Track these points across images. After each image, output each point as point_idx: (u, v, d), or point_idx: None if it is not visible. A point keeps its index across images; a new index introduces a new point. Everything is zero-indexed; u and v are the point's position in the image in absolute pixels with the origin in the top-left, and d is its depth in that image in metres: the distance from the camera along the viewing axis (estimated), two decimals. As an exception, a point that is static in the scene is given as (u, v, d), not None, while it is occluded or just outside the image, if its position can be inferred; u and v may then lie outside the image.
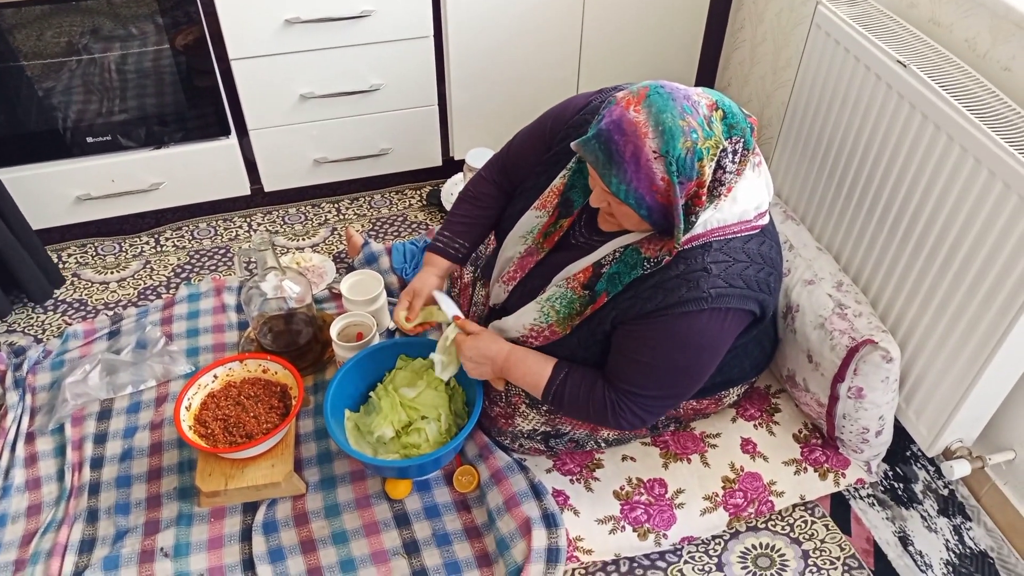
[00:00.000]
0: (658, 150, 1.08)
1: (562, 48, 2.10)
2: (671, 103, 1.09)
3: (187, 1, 1.76)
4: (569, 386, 1.31)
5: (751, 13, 2.11)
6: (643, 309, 1.22)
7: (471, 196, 1.53)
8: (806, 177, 1.71)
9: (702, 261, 1.20)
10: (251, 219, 2.21)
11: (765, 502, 1.49)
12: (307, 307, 1.65)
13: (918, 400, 1.45)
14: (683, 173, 1.09)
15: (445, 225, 1.52)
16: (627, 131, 1.09)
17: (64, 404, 1.63)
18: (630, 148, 1.08)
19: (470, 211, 1.52)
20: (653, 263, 1.22)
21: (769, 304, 1.28)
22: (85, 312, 1.92)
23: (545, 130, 1.42)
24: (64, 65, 1.78)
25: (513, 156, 1.48)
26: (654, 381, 1.27)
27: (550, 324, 1.32)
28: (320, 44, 1.90)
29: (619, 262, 1.25)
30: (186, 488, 1.50)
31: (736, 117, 1.13)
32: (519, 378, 1.35)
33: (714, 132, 1.10)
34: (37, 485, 1.53)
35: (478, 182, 1.53)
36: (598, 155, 1.11)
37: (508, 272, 1.43)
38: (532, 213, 1.39)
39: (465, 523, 1.46)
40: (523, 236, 1.40)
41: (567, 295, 1.30)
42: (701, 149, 1.09)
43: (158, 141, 1.96)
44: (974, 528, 1.50)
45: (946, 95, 1.28)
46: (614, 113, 1.11)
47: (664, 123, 1.07)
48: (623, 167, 1.10)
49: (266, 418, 1.47)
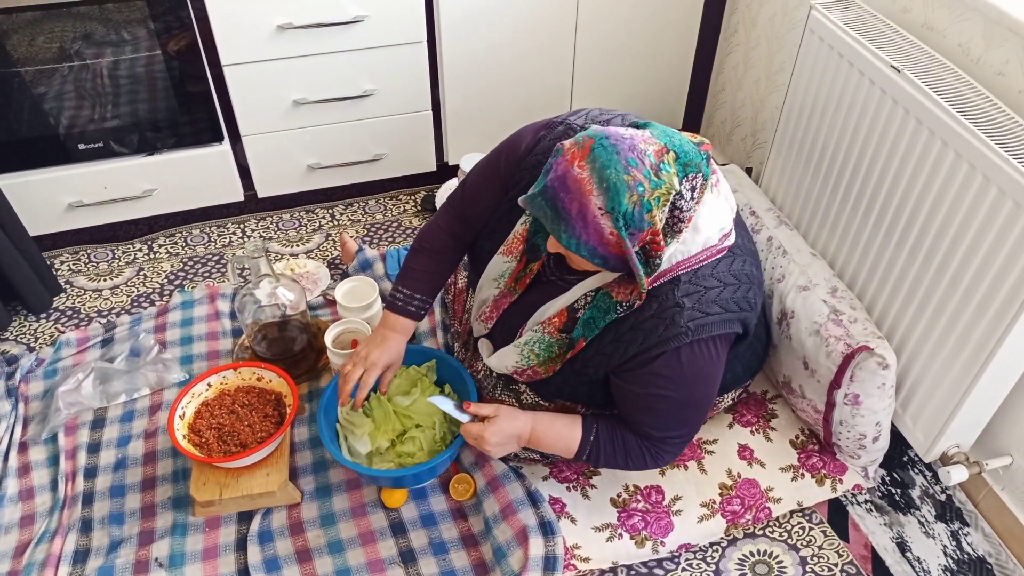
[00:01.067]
0: (603, 207, 1.06)
1: (556, 53, 2.10)
2: (615, 157, 1.06)
3: (179, 6, 1.75)
4: (603, 445, 1.33)
5: (744, 17, 2.11)
6: (627, 352, 1.23)
7: (427, 249, 1.48)
8: (800, 182, 1.70)
9: (673, 297, 1.20)
10: (245, 225, 2.20)
11: (762, 508, 1.49)
12: (301, 314, 1.64)
13: (915, 406, 1.45)
14: (632, 225, 1.07)
15: (401, 280, 1.47)
16: (571, 188, 1.07)
17: (57, 413, 1.62)
18: (575, 206, 1.07)
19: (427, 264, 1.47)
20: (626, 306, 1.22)
21: (751, 320, 1.29)
22: (78, 320, 1.91)
23: (499, 170, 1.38)
24: (56, 71, 1.77)
25: (469, 200, 1.44)
26: (674, 421, 1.30)
27: (532, 366, 1.33)
28: (313, 50, 1.89)
29: (592, 307, 1.25)
30: (180, 497, 1.49)
31: (689, 155, 1.11)
32: (549, 447, 1.35)
33: (663, 180, 1.08)
34: (30, 495, 1.52)
35: (434, 233, 1.48)
36: (545, 211, 1.10)
37: (485, 312, 1.43)
38: (500, 259, 1.38)
39: (462, 531, 1.45)
40: (495, 279, 1.40)
41: (544, 339, 1.30)
42: (649, 201, 1.07)
43: (151, 147, 1.95)
44: (972, 534, 1.50)
45: (940, 100, 1.28)
46: (559, 168, 1.09)
47: (608, 179, 1.05)
48: (571, 223, 1.08)
49: (260, 427, 1.46)
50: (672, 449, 1.34)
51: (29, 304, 1.87)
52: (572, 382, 1.34)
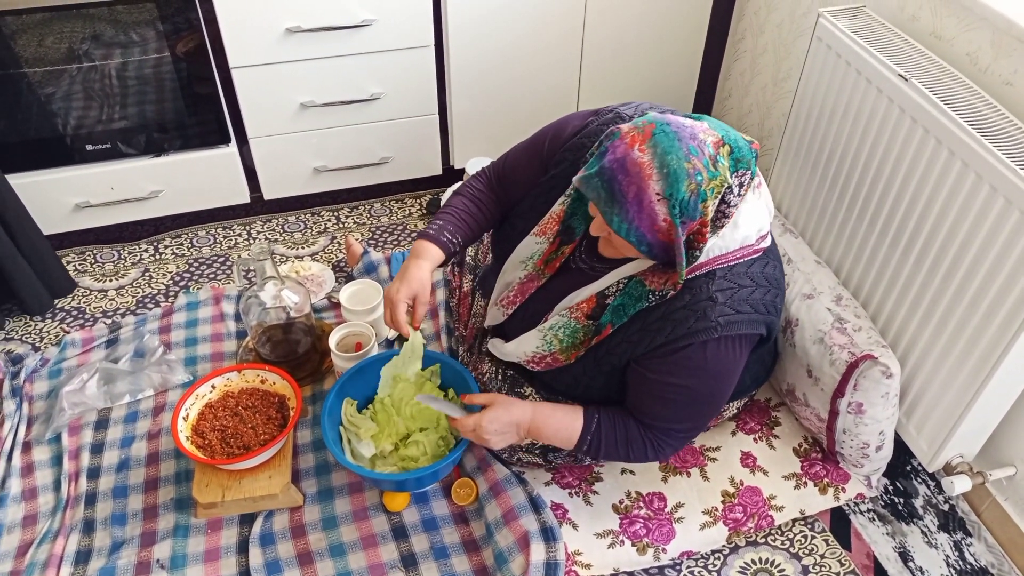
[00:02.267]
0: (662, 192, 1.06)
1: (563, 58, 2.10)
2: (676, 144, 1.07)
3: (188, 8, 1.76)
4: (604, 434, 1.31)
5: (752, 24, 2.11)
6: (653, 342, 1.22)
7: (466, 193, 1.46)
8: (806, 190, 1.70)
9: (707, 290, 1.19)
10: (250, 227, 2.20)
11: (765, 516, 1.48)
12: (306, 316, 1.65)
13: (918, 415, 1.45)
14: (686, 214, 1.08)
15: (437, 216, 1.43)
16: (631, 171, 1.07)
17: (61, 413, 1.62)
18: (633, 189, 1.07)
19: (466, 205, 1.45)
20: (658, 296, 1.21)
21: (776, 325, 1.29)
22: (83, 320, 1.92)
23: (542, 149, 1.39)
24: (64, 72, 1.78)
25: (509, 170, 1.45)
26: (684, 414, 1.29)
27: (552, 352, 1.32)
28: (321, 53, 1.90)
29: (623, 294, 1.24)
30: (183, 499, 1.50)
31: (742, 151, 1.12)
32: (549, 436, 1.33)
33: (719, 172, 1.09)
34: (33, 495, 1.52)
35: (475, 182, 1.48)
36: (600, 193, 1.10)
37: (508, 296, 1.42)
38: (532, 239, 1.37)
39: (463, 536, 1.45)
40: (523, 261, 1.39)
41: (570, 325, 1.29)
42: (705, 191, 1.08)
43: (158, 149, 1.96)
44: (975, 544, 1.49)
45: (947, 109, 1.28)
46: (618, 150, 1.09)
47: (669, 165, 1.06)
48: (625, 207, 1.08)
49: (264, 429, 1.47)
50: (674, 442, 1.32)
51: (27, 305, 1.87)
52: (591, 372, 1.32)
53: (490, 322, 1.47)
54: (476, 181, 1.49)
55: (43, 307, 1.90)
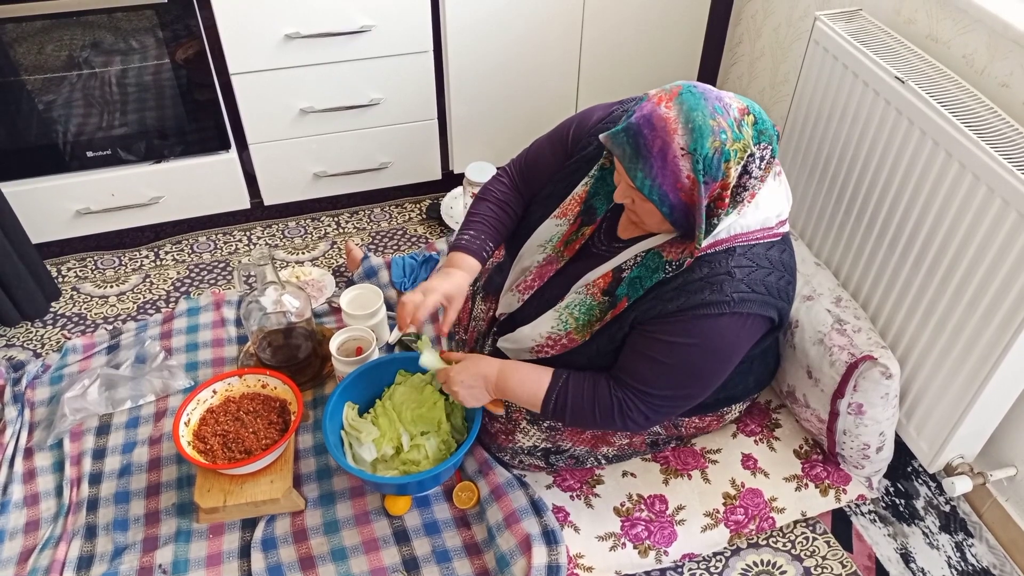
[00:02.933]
0: (686, 147, 1.08)
1: (561, 63, 2.11)
2: (702, 102, 1.09)
3: (187, 15, 1.77)
4: (572, 389, 1.28)
5: (749, 28, 2.12)
6: (664, 310, 1.22)
7: (491, 198, 1.47)
8: (804, 192, 1.71)
9: (726, 265, 1.20)
10: (251, 233, 2.21)
11: (766, 518, 1.49)
12: (306, 321, 1.65)
13: (919, 416, 1.45)
14: (709, 172, 1.09)
15: (465, 225, 1.44)
16: (656, 126, 1.09)
17: (63, 419, 1.62)
18: (658, 143, 1.09)
19: (490, 210, 1.45)
20: (675, 266, 1.21)
21: (787, 312, 1.29)
22: (84, 326, 1.92)
23: (565, 138, 1.41)
24: (65, 79, 1.79)
25: (532, 162, 1.46)
26: (667, 380, 1.25)
27: (568, 332, 1.32)
28: (320, 59, 1.90)
29: (640, 266, 1.25)
30: (185, 504, 1.50)
31: (765, 124, 1.14)
32: (515, 389, 1.32)
33: (743, 135, 1.10)
34: (35, 501, 1.52)
35: (497, 185, 1.48)
36: (625, 148, 1.12)
37: (525, 281, 1.41)
38: (552, 222, 1.38)
39: (465, 540, 1.45)
40: (542, 245, 1.39)
41: (586, 302, 1.30)
42: (729, 150, 1.09)
43: (158, 155, 1.97)
44: (976, 545, 1.50)
45: (944, 111, 1.29)
46: (645, 108, 1.11)
47: (694, 121, 1.08)
48: (650, 162, 1.10)
49: (265, 434, 1.47)
50: (645, 409, 1.26)
51: (24, 310, 1.87)
52: (604, 349, 1.30)
53: (503, 309, 1.47)
54: (498, 183, 1.50)
55: (38, 312, 1.90)
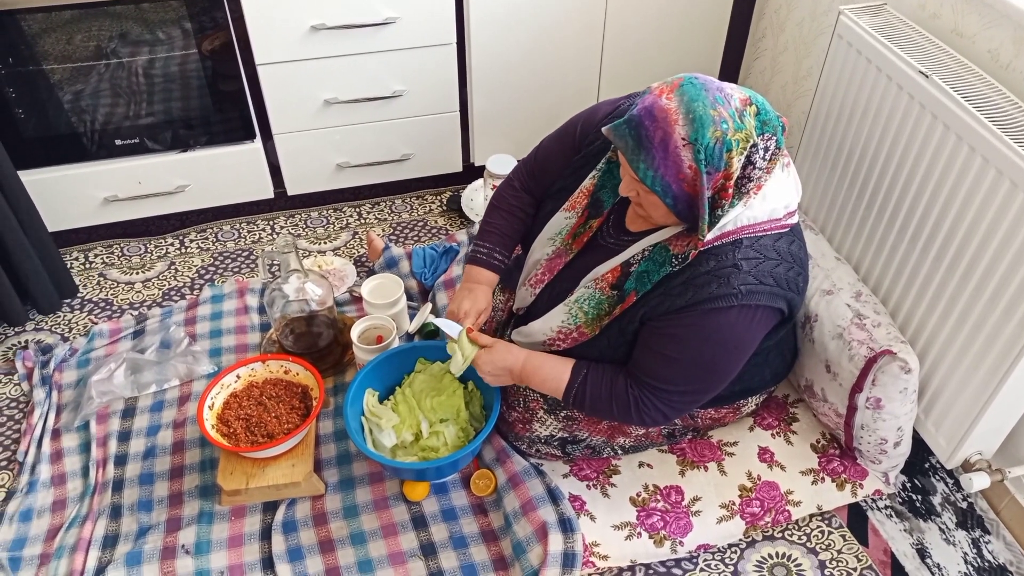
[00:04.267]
0: (687, 137, 1.09)
1: (583, 56, 2.12)
2: (703, 93, 1.10)
3: (215, 7, 1.79)
4: (591, 385, 1.31)
5: (772, 23, 2.11)
6: (673, 305, 1.23)
7: (503, 206, 1.51)
8: (826, 186, 1.71)
9: (733, 257, 1.20)
10: (274, 222, 2.23)
11: (782, 511, 1.49)
12: (328, 309, 1.67)
13: (937, 411, 1.45)
14: (711, 163, 1.10)
15: (480, 236, 1.51)
16: (658, 117, 1.10)
17: (89, 401, 1.65)
18: (659, 134, 1.10)
19: (503, 219, 1.50)
20: (681, 259, 1.22)
21: (797, 303, 1.29)
22: (111, 311, 1.95)
23: (574, 134, 1.43)
24: (93, 69, 1.82)
25: (541, 160, 1.49)
26: (681, 376, 1.26)
27: (578, 326, 1.33)
28: (345, 50, 1.92)
29: (648, 260, 1.26)
30: (207, 486, 1.53)
31: (769, 115, 1.14)
32: (539, 383, 1.36)
33: (745, 125, 1.11)
34: (62, 481, 1.56)
35: (508, 191, 1.52)
36: (627, 140, 1.13)
37: (535, 275, 1.43)
38: (561, 215, 1.40)
39: (482, 526, 1.47)
40: (551, 238, 1.41)
41: (595, 296, 1.31)
42: (731, 140, 1.10)
43: (184, 144, 1.99)
44: (993, 542, 1.49)
45: (968, 106, 1.28)
46: (646, 100, 1.13)
47: (695, 111, 1.09)
48: (652, 153, 1.11)
49: (287, 418, 1.49)
50: (661, 405, 1.28)
51: (39, 304, 1.90)
52: (616, 343, 1.32)
53: (519, 304, 1.49)
54: (509, 189, 1.52)
55: (52, 306, 1.92)
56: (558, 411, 1.45)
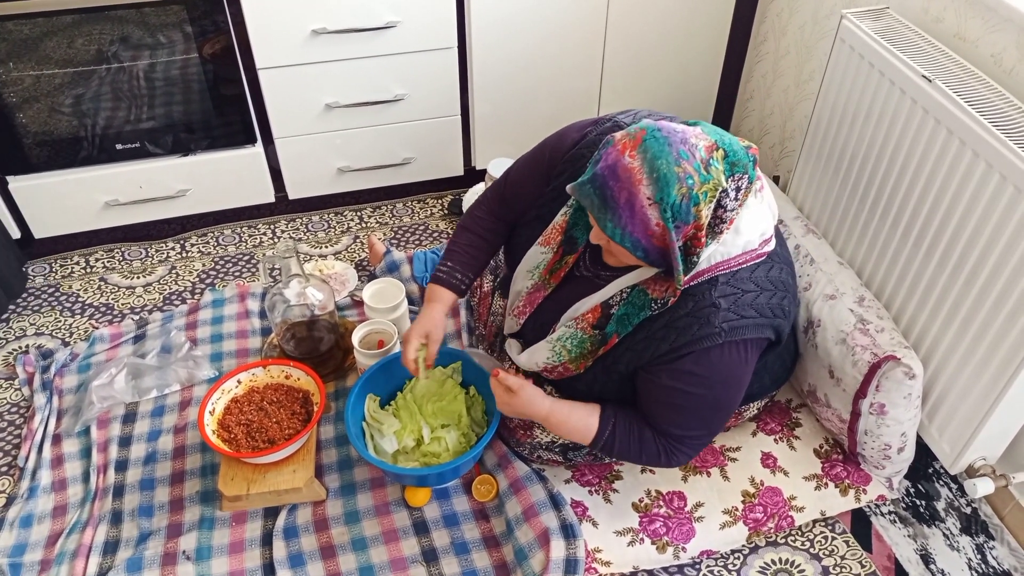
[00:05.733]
0: (652, 197, 1.07)
1: (585, 60, 2.11)
2: (666, 149, 1.08)
3: (216, 11, 1.79)
4: (619, 437, 1.32)
5: (774, 26, 2.11)
6: (658, 350, 1.23)
7: (472, 228, 1.51)
8: (828, 191, 1.70)
9: (710, 297, 1.20)
10: (275, 226, 2.23)
11: (785, 517, 1.48)
12: (329, 314, 1.67)
13: (941, 417, 1.44)
14: (679, 218, 1.09)
15: (446, 255, 1.50)
16: (621, 177, 1.08)
17: (90, 407, 1.65)
18: (624, 194, 1.08)
19: (471, 240, 1.49)
20: (660, 304, 1.22)
21: (784, 328, 1.29)
22: (112, 316, 1.95)
23: (543, 161, 1.40)
24: (94, 73, 1.81)
25: (512, 186, 1.47)
26: (695, 421, 1.30)
27: (563, 362, 1.34)
28: (346, 54, 1.92)
29: (627, 303, 1.26)
30: (208, 492, 1.52)
31: (737, 155, 1.12)
32: (565, 434, 1.36)
33: (712, 176, 1.09)
34: (63, 486, 1.55)
35: (479, 213, 1.51)
36: (593, 199, 1.11)
37: (518, 307, 1.44)
38: (537, 249, 1.39)
39: (483, 532, 1.46)
40: (530, 271, 1.41)
41: (577, 335, 1.31)
42: (697, 194, 1.08)
43: (185, 148, 1.99)
44: (997, 547, 1.49)
45: (971, 110, 1.28)
46: (609, 157, 1.10)
47: (659, 170, 1.07)
48: (618, 212, 1.09)
49: (288, 424, 1.49)
50: (688, 450, 1.33)
51: None
52: (602, 379, 1.34)
53: (507, 331, 1.50)
54: (479, 210, 1.52)
55: None
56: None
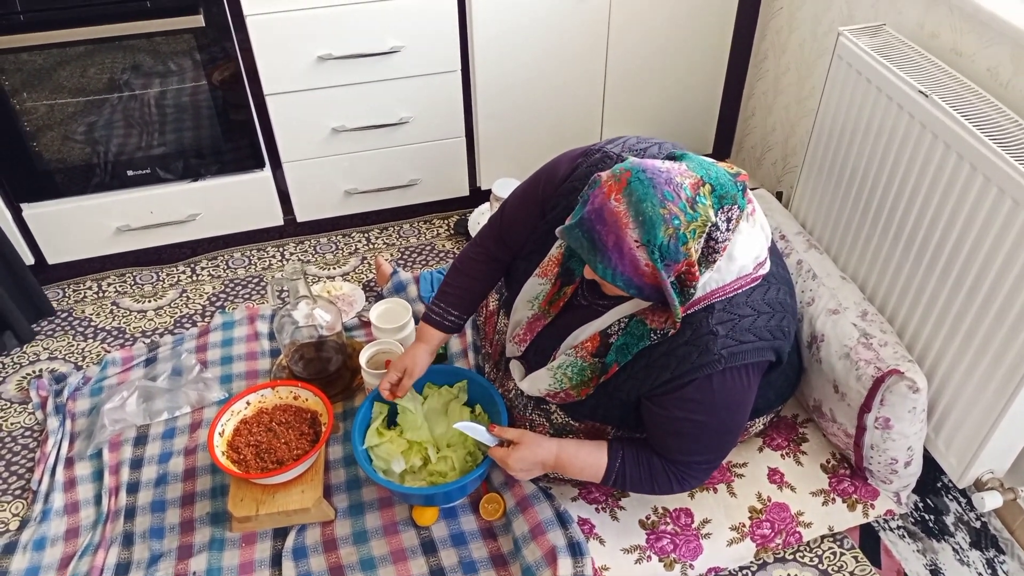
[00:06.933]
0: (639, 239, 1.08)
1: (587, 79, 2.14)
2: (651, 191, 1.08)
3: (224, 38, 1.83)
4: (629, 471, 1.34)
5: (774, 44, 2.13)
6: (660, 378, 1.25)
7: (467, 271, 1.51)
8: (830, 206, 1.71)
9: (708, 325, 1.21)
10: (284, 249, 2.26)
11: (793, 533, 1.48)
12: (337, 335, 1.69)
13: (947, 430, 1.44)
14: (668, 258, 1.09)
15: (439, 295, 1.52)
16: (608, 221, 1.09)
17: (102, 430, 1.67)
18: (612, 238, 1.09)
19: (465, 283, 1.51)
20: (660, 334, 1.24)
21: (785, 348, 1.30)
22: (123, 340, 1.98)
23: (537, 194, 1.41)
24: (106, 101, 1.85)
25: (508, 223, 1.47)
26: (702, 447, 1.31)
27: (565, 389, 1.35)
28: (351, 79, 1.95)
29: (626, 333, 1.27)
30: (218, 513, 1.54)
31: (725, 187, 1.13)
32: (575, 473, 1.38)
33: (699, 214, 1.10)
34: (75, 509, 1.57)
35: (475, 254, 1.52)
36: (582, 242, 1.12)
37: (519, 334, 1.46)
38: (535, 280, 1.40)
39: (491, 551, 1.47)
40: (530, 301, 1.42)
41: (577, 363, 1.33)
42: (684, 233, 1.09)
43: (195, 174, 2.03)
44: (1008, 561, 1.48)
45: (968, 124, 1.29)
46: (596, 201, 1.11)
47: (644, 213, 1.08)
48: (607, 255, 1.10)
49: (296, 444, 1.50)
50: (698, 474, 1.35)
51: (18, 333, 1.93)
52: (605, 405, 1.35)
53: (509, 355, 1.51)
54: (474, 251, 1.52)
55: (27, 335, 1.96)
56: (566, 437, 1.46)
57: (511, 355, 1.51)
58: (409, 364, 1.48)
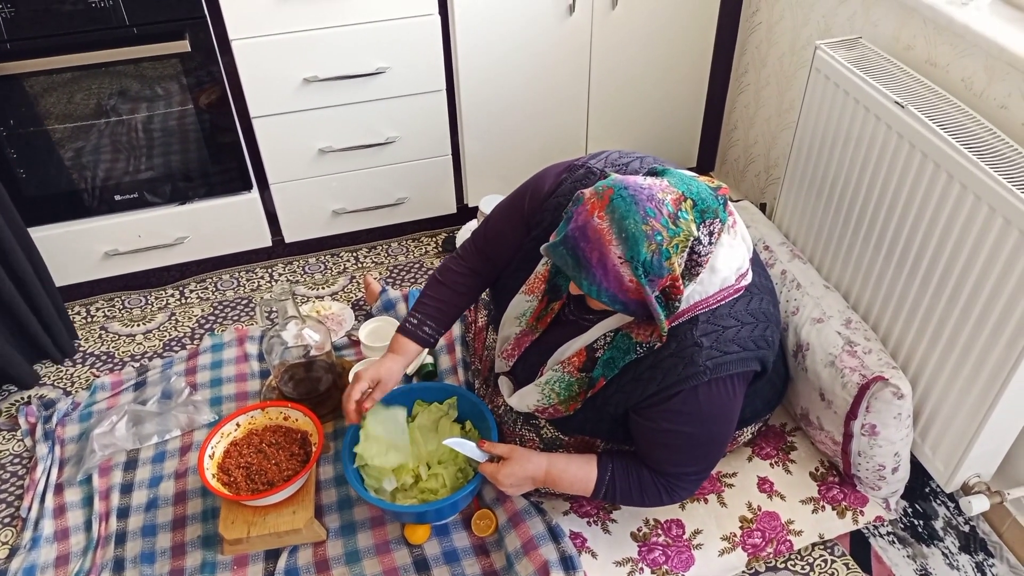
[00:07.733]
0: (623, 256, 1.10)
1: (571, 97, 2.16)
2: (633, 208, 1.10)
3: (210, 62, 1.84)
4: (619, 483, 1.35)
5: (754, 58, 2.16)
6: (646, 391, 1.26)
7: (447, 282, 1.51)
8: (812, 216, 1.73)
9: (692, 336, 1.23)
10: (272, 270, 2.26)
11: (784, 541, 1.49)
12: (327, 354, 1.69)
13: (933, 435, 1.45)
14: (651, 273, 1.11)
15: (416, 307, 1.50)
16: (591, 238, 1.11)
17: (92, 455, 1.67)
18: (596, 255, 1.11)
19: (443, 294, 1.50)
20: (646, 348, 1.25)
21: (769, 357, 1.32)
22: (112, 364, 1.97)
23: (523, 208, 1.42)
24: (93, 127, 1.86)
25: (492, 237, 1.48)
26: (690, 459, 1.33)
27: (553, 404, 1.36)
28: (337, 100, 1.97)
29: (612, 347, 1.28)
30: (210, 536, 1.53)
31: (706, 201, 1.15)
32: (565, 488, 1.38)
33: (681, 229, 1.12)
34: (65, 536, 1.56)
35: (456, 267, 1.51)
36: (567, 260, 1.13)
37: (507, 350, 1.46)
38: (522, 297, 1.41)
39: (484, 567, 1.47)
40: (517, 318, 1.43)
41: (564, 378, 1.34)
42: (667, 249, 1.10)
43: (183, 197, 2.03)
44: (997, 565, 1.49)
45: (944, 134, 1.31)
46: (579, 218, 1.13)
47: (627, 230, 1.09)
48: (591, 272, 1.12)
49: (287, 465, 1.50)
50: (687, 485, 1.36)
51: (52, 354, 1.94)
52: (593, 419, 1.36)
53: (497, 370, 1.52)
54: (456, 264, 1.52)
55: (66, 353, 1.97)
56: (555, 452, 1.46)
57: (499, 371, 1.51)
58: (384, 375, 1.44)
